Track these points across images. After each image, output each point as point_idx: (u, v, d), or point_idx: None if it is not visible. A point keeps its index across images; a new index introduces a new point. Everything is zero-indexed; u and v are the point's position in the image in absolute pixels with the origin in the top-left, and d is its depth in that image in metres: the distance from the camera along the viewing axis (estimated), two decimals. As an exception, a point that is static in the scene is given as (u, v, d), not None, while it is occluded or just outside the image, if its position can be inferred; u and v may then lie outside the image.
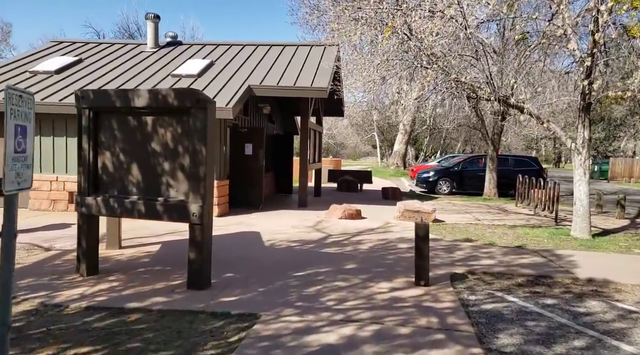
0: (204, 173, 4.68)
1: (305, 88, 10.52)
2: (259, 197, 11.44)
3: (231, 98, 9.83)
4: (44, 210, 10.11)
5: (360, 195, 16.06)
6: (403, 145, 29.93)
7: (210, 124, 4.75)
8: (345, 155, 59.38)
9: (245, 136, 11.45)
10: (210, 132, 4.75)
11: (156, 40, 13.20)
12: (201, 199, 4.71)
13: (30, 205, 10.07)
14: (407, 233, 8.55)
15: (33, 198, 10.07)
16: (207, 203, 4.76)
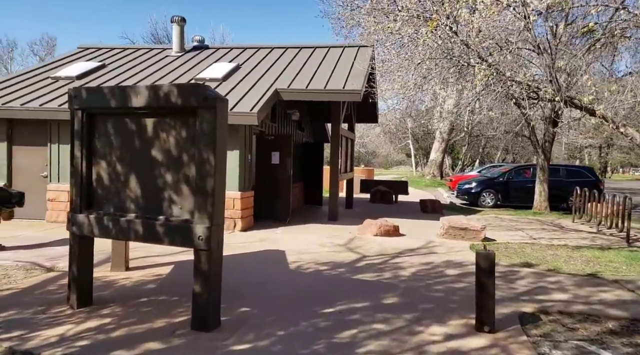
0: (213, 186, 3.80)
1: (337, 91, 9.60)
2: (286, 209, 10.56)
3: (256, 102, 9.03)
4: (62, 222, 9.55)
5: (396, 207, 14.93)
6: (440, 153, 28.51)
7: (221, 128, 3.88)
8: (377, 164, 58.10)
9: (271, 144, 10.63)
10: (221, 137, 3.87)
11: (182, 44, 12.66)
12: (208, 219, 3.82)
13: (48, 217, 9.55)
14: (455, 255, 7.42)
15: (50, 209, 9.55)
16: (216, 223, 3.87)
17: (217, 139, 3.83)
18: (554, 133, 14.46)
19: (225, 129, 3.97)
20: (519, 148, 33.36)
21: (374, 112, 14.74)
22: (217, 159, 3.82)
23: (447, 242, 8.58)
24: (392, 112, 34.99)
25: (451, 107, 27.08)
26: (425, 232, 9.76)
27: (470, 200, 16.71)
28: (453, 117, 20.75)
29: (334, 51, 12.22)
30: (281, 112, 12.28)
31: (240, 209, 9.18)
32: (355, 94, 9.54)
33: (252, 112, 8.67)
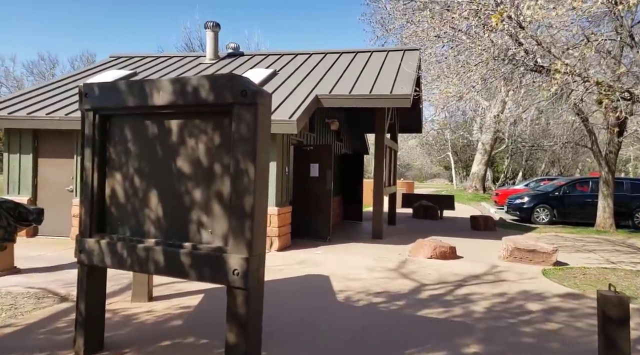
0: (252, 205, 2.94)
1: (383, 96, 8.67)
2: (326, 226, 9.64)
3: (296, 109, 8.22)
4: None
5: (443, 224, 13.74)
6: (482, 166, 26.99)
7: (263, 131, 3.03)
8: (411, 176, 56.53)
9: (310, 155, 9.78)
10: (263, 143, 3.02)
11: (216, 51, 12.10)
12: (246, 247, 2.95)
13: (73, 234, 8.97)
14: (529, 284, 6.27)
15: (76, 226, 8.98)
16: (255, 253, 2.99)
17: (258, 145, 2.97)
18: (619, 143, 12.98)
19: (267, 133, 3.12)
20: (566, 160, 31.33)
21: (419, 120, 13.72)
22: (257, 170, 2.96)
23: (514, 267, 7.41)
24: (430, 123, 33.79)
25: (495, 116, 25.69)
26: (484, 253, 8.60)
27: (523, 216, 15.30)
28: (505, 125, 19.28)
29: (377, 56, 11.34)
30: (320, 121, 11.46)
31: (277, 227, 8.33)
32: (404, 99, 8.58)
33: (291, 120, 7.86)
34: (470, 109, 28.71)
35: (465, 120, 32.84)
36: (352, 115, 13.95)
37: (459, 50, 8.26)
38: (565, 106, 11.29)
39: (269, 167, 3.23)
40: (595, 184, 14.79)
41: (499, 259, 8.07)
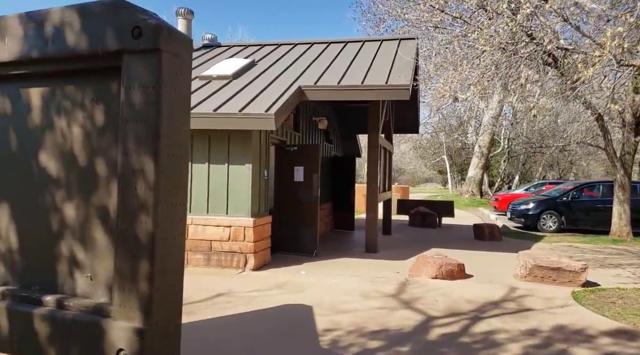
0: (152, 232, 1.63)
1: (377, 87, 7.41)
2: (312, 239, 8.32)
3: (274, 102, 6.92)
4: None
5: (442, 233, 12.48)
6: (479, 170, 25.83)
7: (175, 101, 1.71)
8: (404, 181, 55.46)
9: (294, 157, 8.48)
10: (174, 122, 1.70)
11: (189, 41, 10.79)
12: (141, 309, 1.63)
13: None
14: (562, 315, 5.00)
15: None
16: (159, 320, 1.66)
17: (164, 126, 1.68)
18: (636, 143, 11.83)
19: (184, 106, 1.81)
20: (566, 163, 30.34)
21: (415, 118, 12.49)
22: (162, 170, 1.67)
23: (537, 289, 6.14)
24: (424, 126, 32.67)
25: (491, 118, 24.61)
26: (497, 270, 7.34)
27: (528, 223, 14.10)
28: (502, 126, 18.15)
29: (370, 45, 10.10)
30: (306, 119, 10.18)
31: (253, 241, 7.00)
32: (402, 90, 7.33)
33: (267, 114, 6.56)
34: (467, 109, 27.63)
35: (461, 122, 31.75)
36: (342, 114, 12.69)
37: (465, 33, 7.03)
38: (578, 102, 10.12)
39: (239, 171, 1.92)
40: (606, 188, 13.64)
41: (515, 278, 6.81)
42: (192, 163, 7.21)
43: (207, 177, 7.19)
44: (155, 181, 1.64)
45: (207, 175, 7.20)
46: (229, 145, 7.12)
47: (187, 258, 7.16)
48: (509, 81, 6.94)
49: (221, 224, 7.09)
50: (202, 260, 7.13)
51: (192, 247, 7.15)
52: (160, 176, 1.65)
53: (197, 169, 7.20)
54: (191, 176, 7.22)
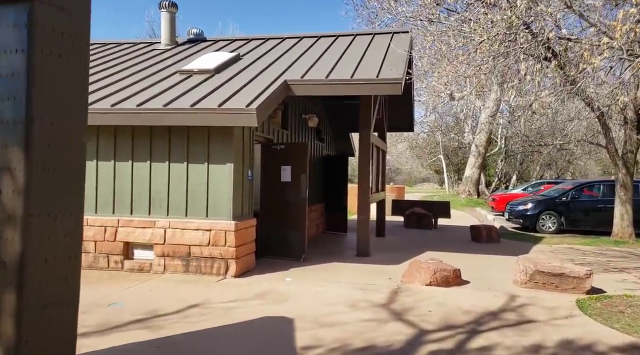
0: (22, 247, 1.16)
1: (368, 81, 6.96)
2: (300, 243, 7.85)
3: (256, 97, 6.46)
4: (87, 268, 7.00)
5: (438, 235, 12.05)
6: (476, 169, 25.43)
7: (61, 67, 1.23)
8: (400, 181, 55.14)
9: (281, 156, 8.01)
10: (60, 92, 1.24)
11: (172, 35, 10.31)
12: None
13: None
14: (567, 327, 4.55)
15: None
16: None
17: (42, 103, 1.19)
18: (638, 141, 11.43)
19: (79, 76, 1.33)
20: (564, 163, 29.99)
21: (410, 116, 12.05)
22: (37, 166, 1.18)
23: (539, 297, 5.70)
24: (420, 125, 32.27)
25: (488, 117, 24.20)
26: (495, 276, 6.90)
27: (527, 224, 13.70)
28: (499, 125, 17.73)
29: (362, 39, 9.65)
30: (295, 116, 9.72)
31: (235, 246, 6.52)
32: (394, 85, 6.88)
33: (248, 109, 6.09)
34: (463, 107, 27.22)
35: (458, 121, 31.37)
36: (335, 112, 12.24)
37: (461, 24, 6.59)
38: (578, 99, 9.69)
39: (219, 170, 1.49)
40: (607, 187, 13.25)
41: (515, 284, 6.37)
42: (169, 162, 6.74)
43: (186, 177, 6.72)
44: (26, 182, 1.18)
45: (186, 175, 6.72)
46: (209, 143, 6.65)
47: (164, 264, 6.69)
48: (507, 74, 6.49)
49: (200, 228, 6.62)
50: (181, 266, 6.66)
51: (169, 253, 6.67)
52: (34, 176, 1.18)
53: (175, 168, 6.73)
54: (169, 176, 6.75)
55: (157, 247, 6.73)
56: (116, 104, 6.53)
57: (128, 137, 6.82)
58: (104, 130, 6.85)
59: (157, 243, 6.72)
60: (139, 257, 6.91)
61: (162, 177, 6.78)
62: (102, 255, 6.85)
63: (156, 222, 6.74)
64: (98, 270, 6.81)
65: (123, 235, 6.81)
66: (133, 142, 6.84)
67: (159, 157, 6.79)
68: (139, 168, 6.84)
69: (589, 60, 4.47)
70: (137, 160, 6.84)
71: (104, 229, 6.85)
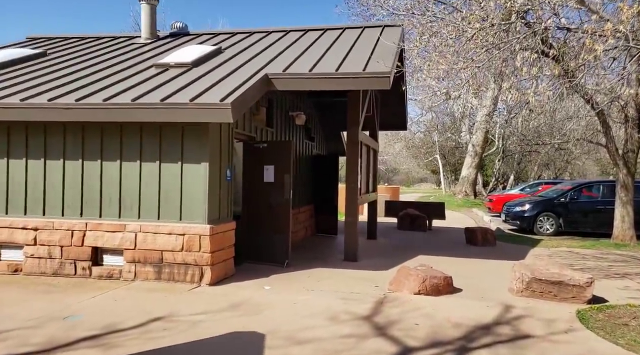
0: None
1: (354, 75, 6.52)
2: (284, 247, 7.40)
3: (232, 91, 6.00)
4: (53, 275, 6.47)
5: (432, 237, 11.62)
6: (473, 169, 25.02)
7: None
8: (398, 181, 54.74)
9: (264, 155, 7.56)
10: None
11: (153, 29, 9.84)
12: None
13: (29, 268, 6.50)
14: (569, 344, 4.12)
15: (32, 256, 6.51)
16: None
17: None
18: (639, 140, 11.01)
19: None
20: (562, 163, 29.60)
21: (403, 113, 11.60)
22: None
23: (536, 308, 5.26)
24: (417, 125, 31.86)
25: (485, 116, 23.77)
26: (489, 283, 6.46)
27: (524, 226, 13.28)
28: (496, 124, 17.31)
29: (351, 32, 9.20)
30: (281, 114, 9.27)
31: (210, 252, 6.06)
32: (382, 78, 6.43)
33: (223, 104, 5.64)
34: (460, 107, 26.81)
35: (454, 121, 30.94)
36: (325, 109, 11.80)
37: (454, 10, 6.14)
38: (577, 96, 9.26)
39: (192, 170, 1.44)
40: (607, 188, 12.84)
41: (510, 292, 5.93)
42: (141, 162, 6.28)
43: (159, 177, 6.26)
44: None
45: (159, 175, 6.26)
46: (183, 141, 6.19)
47: (135, 271, 6.22)
48: (503, 66, 6.05)
49: (174, 232, 6.16)
50: (152, 273, 6.19)
51: (140, 258, 6.21)
52: None
53: (147, 168, 6.27)
54: (140, 176, 6.29)
55: (127, 253, 6.27)
56: (81, 98, 6.06)
57: (97, 134, 6.36)
58: (71, 127, 6.39)
59: (128, 248, 6.26)
60: (109, 263, 6.44)
61: (134, 178, 6.32)
62: (69, 261, 6.38)
63: (127, 226, 6.27)
64: (64, 277, 6.34)
65: (91, 240, 6.34)
66: (102, 140, 6.38)
67: (130, 157, 6.33)
68: (108, 168, 6.38)
69: (592, 47, 4.03)
70: (107, 159, 6.38)
71: (70, 232, 6.38)
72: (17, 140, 6.53)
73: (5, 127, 6.51)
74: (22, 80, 7.08)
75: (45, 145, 6.48)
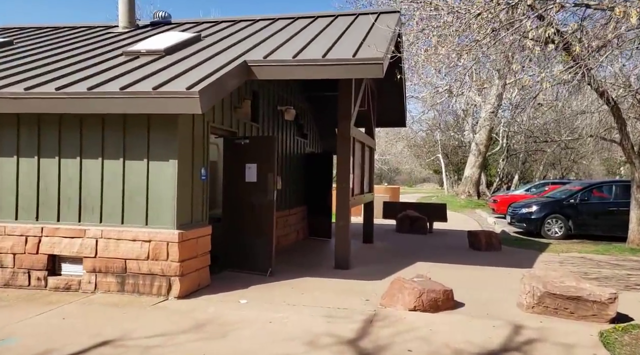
0: None
1: (343, 61, 5.80)
2: (267, 254, 6.68)
3: (202, 78, 5.29)
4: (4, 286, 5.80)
5: (433, 241, 10.88)
6: (476, 169, 24.22)
7: None
8: (400, 181, 53.96)
9: (245, 152, 6.85)
10: None
11: (131, 17, 9.15)
12: None
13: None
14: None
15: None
16: None
17: None
18: (656, 136, 10.24)
19: None
20: (568, 162, 28.76)
21: (401, 108, 10.85)
22: None
23: (549, 328, 4.52)
24: (418, 123, 31.07)
25: (489, 113, 22.96)
26: (495, 296, 5.72)
27: (531, 228, 12.54)
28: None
29: (343, 19, 8.47)
30: (268, 107, 8.56)
31: (179, 261, 5.35)
32: (373, 65, 5.71)
33: (190, 92, 4.93)
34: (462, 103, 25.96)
35: (457, 119, 30.15)
36: (319, 104, 11.10)
37: None
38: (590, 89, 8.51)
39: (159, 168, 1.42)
40: (620, 188, 12.08)
41: (519, 308, 5.19)
42: (103, 159, 5.59)
43: (122, 176, 5.56)
44: None
45: (122, 174, 5.56)
46: (149, 136, 5.49)
47: (95, 282, 5.52)
48: (510, 50, 5.31)
49: (138, 238, 5.45)
50: (115, 284, 5.49)
51: (102, 268, 5.51)
52: None
53: (109, 166, 5.57)
54: (102, 175, 5.59)
55: (87, 261, 5.57)
56: (32, 87, 5.36)
57: (54, 129, 5.66)
58: (25, 119, 5.70)
59: (88, 256, 5.56)
60: (68, 272, 5.74)
61: (95, 177, 5.62)
62: (22, 271, 5.68)
63: (87, 231, 5.57)
64: (17, 288, 5.64)
65: (47, 247, 5.64)
66: (60, 135, 5.68)
67: (91, 153, 5.63)
68: (67, 165, 5.68)
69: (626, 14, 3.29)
70: (66, 156, 5.69)
71: (24, 238, 5.69)
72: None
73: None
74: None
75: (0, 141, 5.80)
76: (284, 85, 9.28)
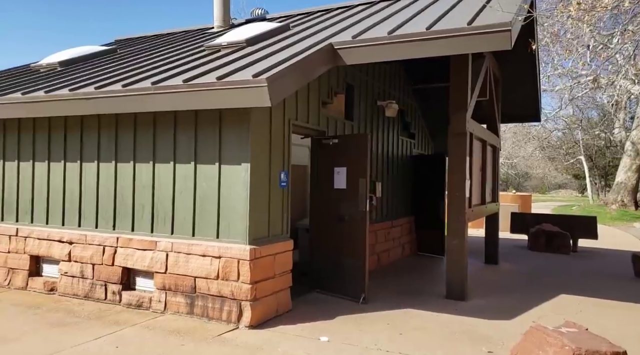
0: None
1: (453, 31, 4.42)
2: (358, 276, 5.51)
3: (272, 65, 4.37)
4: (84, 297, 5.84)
5: (580, 264, 8.60)
6: (632, 173, 19.94)
7: None
8: (530, 187, 48.15)
9: (334, 153, 5.79)
10: None
11: (226, 16, 8.76)
12: None
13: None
14: None
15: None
16: None
17: None
18: None
19: None
20: None
21: (534, 97, 8.81)
22: None
23: None
24: (552, 121, 27.04)
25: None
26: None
27: None
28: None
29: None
30: (366, 103, 7.44)
31: (250, 282, 4.50)
32: (498, 34, 4.22)
33: (256, 80, 4.04)
34: (612, 95, 21.59)
35: (604, 114, 25.50)
36: (429, 98, 9.62)
37: None
38: None
39: (229, 172, 1.82)
40: None
41: None
42: (174, 163, 5.02)
43: (194, 182, 4.92)
44: None
45: (194, 179, 4.92)
46: (221, 136, 4.76)
47: (165, 300, 4.94)
48: None
49: (208, 254, 4.74)
50: (184, 305, 4.85)
51: (171, 285, 4.91)
52: None
53: (181, 170, 4.98)
54: (174, 181, 5.02)
55: (157, 277, 5.03)
56: (101, 87, 5.00)
57: (129, 130, 5.28)
58: (105, 122, 5.42)
59: (158, 271, 5.02)
60: (141, 287, 5.29)
61: (167, 182, 5.08)
62: (100, 283, 5.37)
63: (158, 243, 5.04)
64: (95, 301, 5.35)
65: (122, 259, 5.25)
66: (135, 138, 5.27)
67: (163, 157, 5.12)
68: (141, 171, 5.24)
69: None
70: (140, 161, 5.25)
71: (102, 248, 5.38)
72: (49, 139, 5.81)
73: (32, 123, 5.82)
74: (72, 75, 6.40)
75: (82, 145, 5.62)
76: (384, 77, 8.07)
